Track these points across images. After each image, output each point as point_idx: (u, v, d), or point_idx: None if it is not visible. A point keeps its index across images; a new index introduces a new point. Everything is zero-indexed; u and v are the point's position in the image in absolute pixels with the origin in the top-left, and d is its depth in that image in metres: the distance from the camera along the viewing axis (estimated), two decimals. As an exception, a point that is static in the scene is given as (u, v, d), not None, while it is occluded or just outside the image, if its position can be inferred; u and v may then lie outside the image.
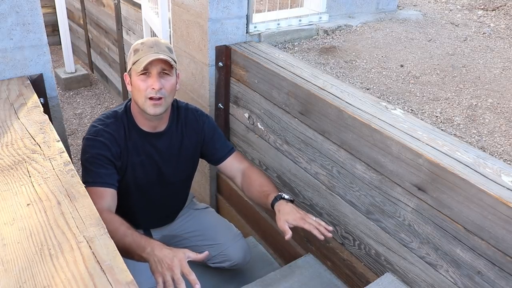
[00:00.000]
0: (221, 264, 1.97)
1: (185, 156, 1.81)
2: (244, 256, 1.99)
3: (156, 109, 1.60)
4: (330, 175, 1.81)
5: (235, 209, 2.58)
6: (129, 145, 1.68)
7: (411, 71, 2.27)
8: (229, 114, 2.41)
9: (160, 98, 1.58)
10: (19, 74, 1.77)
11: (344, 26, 2.75)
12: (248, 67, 2.15)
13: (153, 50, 1.56)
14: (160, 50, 1.57)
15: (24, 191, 1.15)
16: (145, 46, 1.58)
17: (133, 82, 1.61)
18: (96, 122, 1.67)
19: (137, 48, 1.60)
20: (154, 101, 1.58)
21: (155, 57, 1.54)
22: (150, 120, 1.67)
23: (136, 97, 1.61)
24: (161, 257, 1.30)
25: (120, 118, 1.68)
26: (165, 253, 1.31)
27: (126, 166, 1.68)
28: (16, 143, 1.34)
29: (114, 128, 1.65)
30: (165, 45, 1.62)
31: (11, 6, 1.67)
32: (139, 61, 1.56)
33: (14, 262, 0.94)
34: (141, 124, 1.69)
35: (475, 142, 1.72)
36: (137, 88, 1.59)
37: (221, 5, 2.15)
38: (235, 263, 1.97)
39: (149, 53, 1.55)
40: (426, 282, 1.49)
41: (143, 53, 1.56)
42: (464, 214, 1.31)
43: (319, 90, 1.80)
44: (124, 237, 1.37)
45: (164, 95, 1.59)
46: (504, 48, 2.58)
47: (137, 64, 1.56)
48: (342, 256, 1.86)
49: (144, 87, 1.57)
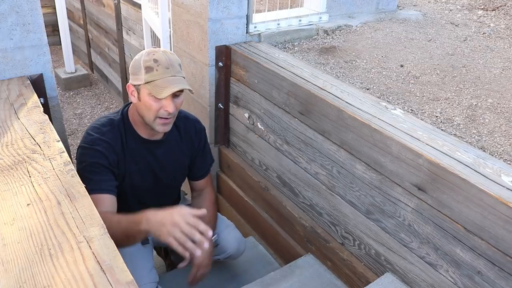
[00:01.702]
0: (216, 256, 1.95)
1: (180, 163, 1.82)
2: (238, 247, 1.96)
3: (165, 127, 1.60)
4: (330, 175, 1.81)
5: (235, 209, 2.58)
6: (126, 154, 1.66)
7: (411, 71, 2.27)
8: (229, 114, 2.41)
9: (171, 118, 1.59)
10: (19, 74, 1.77)
11: (344, 26, 2.75)
12: (248, 67, 2.15)
13: (170, 72, 1.51)
14: (176, 71, 1.53)
15: (24, 191, 1.15)
16: (160, 67, 1.51)
17: (143, 100, 1.55)
18: (91, 130, 1.63)
19: (151, 67, 1.51)
20: (164, 121, 1.58)
21: (176, 88, 1.50)
22: (151, 129, 1.66)
23: (144, 113, 1.58)
24: (159, 220, 1.28)
25: (116, 126, 1.65)
26: (162, 215, 1.29)
27: (123, 174, 1.67)
28: (16, 143, 1.34)
29: (111, 136, 1.62)
30: (177, 62, 1.57)
31: (11, 6, 1.67)
32: (155, 84, 1.50)
33: (14, 262, 0.94)
34: (140, 131, 1.68)
35: (475, 142, 1.72)
36: (147, 107, 1.55)
37: (221, 5, 2.15)
38: (229, 254, 1.95)
39: (166, 76, 1.50)
40: (426, 282, 1.49)
41: (159, 75, 1.50)
42: (464, 214, 1.31)
43: (319, 90, 1.80)
44: (119, 224, 1.37)
45: (175, 115, 1.61)
46: (504, 48, 2.58)
47: (154, 87, 1.50)
48: (342, 256, 1.86)
49: (156, 107, 1.54)
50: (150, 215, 1.32)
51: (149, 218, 1.32)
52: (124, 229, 1.36)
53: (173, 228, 1.24)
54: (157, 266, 2.05)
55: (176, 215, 1.27)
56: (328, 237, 1.92)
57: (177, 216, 1.26)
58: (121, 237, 1.30)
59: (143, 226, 1.32)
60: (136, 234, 1.36)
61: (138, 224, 1.33)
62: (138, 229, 1.34)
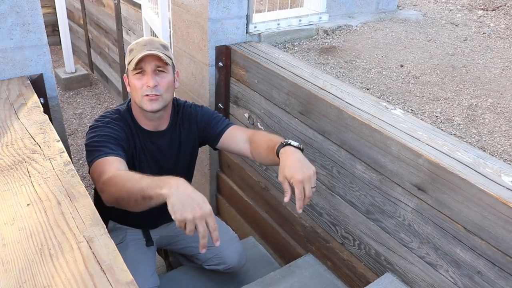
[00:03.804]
0: (216, 266, 1.97)
1: (184, 153, 1.81)
2: (239, 260, 1.99)
3: (152, 104, 1.57)
4: (330, 175, 1.81)
5: (235, 209, 2.58)
6: (136, 143, 1.68)
7: (411, 71, 2.27)
8: (229, 114, 2.41)
9: (156, 95, 1.57)
10: (19, 74, 1.77)
11: (344, 26, 2.75)
12: (248, 67, 2.15)
13: (146, 48, 1.55)
14: (153, 47, 1.56)
15: (24, 191, 1.15)
16: (139, 45, 1.58)
17: (130, 82, 1.61)
18: (101, 117, 1.65)
19: (132, 48, 1.59)
20: (150, 97, 1.57)
21: (146, 53, 1.53)
22: (151, 119, 1.67)
23: (134, 95, 1.61)
24: (188, 194, 1.15)
25: (123, 116, 1.67)
26: (193, 193, 1.15)
27: (133, 162, 1.67)
28: (16, 143, 1.34)
29: (121, 123, 1.64)
30: (159, 42, 1.61)
31: (11, 6, 1.67)
32: (133, 61, 1.55)
33: (14, 262, 0.94)
34: (142, 123, 1.69)
35: (475, 142, 1.72)
36: (133, 87, 1.59)
37: (221, 5, 2.15)
38: (229, 266, 1.97)
39: (142, 51, 1.55)
40: (426, 282, 1.49)
41: (136, 52, 1.56)
42: (464, 214, 1.31)
43: (319, 90, 1.80)
44: (141, 180, 1.25)
45: (160, 92, 1.57)
46: (504, 48, 2.58)
47: (131, 64, 1.56)
48: (342, 256, 1.86)
49: (139, 85, 1.56)
50: (179, 183, 1.18)
51: (178, 185, 1.17)
52: (144, 187, 1.22)
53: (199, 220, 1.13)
54: (157, 266, 2.05)
55: (208, 206, 1.15)
56: (328, 237, 1.92)
57: (208, 208, 1.15)
58: (135, 196, 1.22)
59: (165, 191, 1.17)
60: (153, 196, 1.20)
61: (160, 187, 1.18)
62: (158, 192, 1.18)
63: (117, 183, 1.29)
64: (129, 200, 1.26)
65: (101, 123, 1.60)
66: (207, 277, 2.06)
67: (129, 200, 1.26)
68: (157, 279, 1.81)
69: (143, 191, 1.21)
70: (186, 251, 2.02)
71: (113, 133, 1.55)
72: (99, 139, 1.51)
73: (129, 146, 1.64)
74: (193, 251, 1.99)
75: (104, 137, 1.52)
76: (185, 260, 2.12)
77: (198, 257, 1.97)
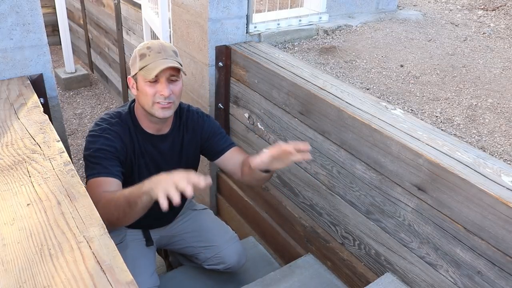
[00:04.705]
0: (216, 266, 1.97)
1: (186, 157, 1.81)
2: (239, 260, 1.98)
3: (165, 112, 1.59)
4: (330, 175, 1.81)
5: (235, 209, 2.58)
6: (135, 146, 1.68)
7: (411, 71, 2.27)
8: (229, 114, 2.41)
9: (169, 103, 1.58)
10: (19, 74, 1.77)
11: (344, 26, 2.75)
12: (248, 67, 2.15)
13: (161, 56, 1.54)
14: (168, 55, 1.56)
15: (24, 191, 1.15)
16: (152, 52, 1.55)
17: (140, 87, 1.59)
18: (100, 120, 1.65)
19: (144, 53, 1.56)
20: (163, 105, 1.58)
21: (165, 65, 1.52)
22: (155, 123, 1.67)
23: (143, 101, 1.60)
24: (159, 178, 1.25)
25: (124, 119, 1.67)
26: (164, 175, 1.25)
27: (131, 166, 1.68)
28: (16, 143, 1.34)
29: (119, 128, 1.64)
30: (170, 48, 1.60)
31: (11, 6, 1.67)
32: (147, 68, 1.54)
33: (14, 262, 0.94)
34: (145, 126, 1.69)
35: (475, 142, 1.72)
36: (143, 93, 1.58)
37: (221, 5, 2.15)
38: (229, 266, 1.96)
39: (157, 59, 1.53)
40: (426, 282, 1.49)
41: (150, 59, 1.54)
42: (464, 214, 1.31)
43: (319, 90, 1.80)
44: (123, 193, 1.36)
45: (173, 100, 1.60)
46: (504, 48, 2.58)
47: (146, 71, 1.54)
48: (342, 256, 1.86)
49: (152, 92, 1.56)
50: (152, 178, 1.28)
51: (151, 179, 1.28)
52: (128, 195, 1.33)
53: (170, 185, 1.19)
54: (157, 266, 2.05)
55: (177, 175, 1.22)
56: (328, 237, 1.92)
57: (177, 175, 1.22)
58: (123, 207, 1.32)
59: (144, 188, 1.28)
60: (138, 197, 1.30)
61: (140, 187, 1.30)
62: (140, 192, 1.29)
63: (104, 207, 1.32)
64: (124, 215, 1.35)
65: (99, 131, 1.60)
66: (207, 277, 2.06)
67: (124, 214, 1.34)
68: (157, 279, 1.81)
69: (128, 199, 1.32)
70: (186, 251, 2.02)
71: (108, 146, 1.57)
72: (94, 153, 1.55)
73: (127, 153, 1.65)
74: (192, 251, 1.99)
75: (100, 152, 1.55)
76: (185, 260, 2.12)
77: (198, 256, 1.97)
